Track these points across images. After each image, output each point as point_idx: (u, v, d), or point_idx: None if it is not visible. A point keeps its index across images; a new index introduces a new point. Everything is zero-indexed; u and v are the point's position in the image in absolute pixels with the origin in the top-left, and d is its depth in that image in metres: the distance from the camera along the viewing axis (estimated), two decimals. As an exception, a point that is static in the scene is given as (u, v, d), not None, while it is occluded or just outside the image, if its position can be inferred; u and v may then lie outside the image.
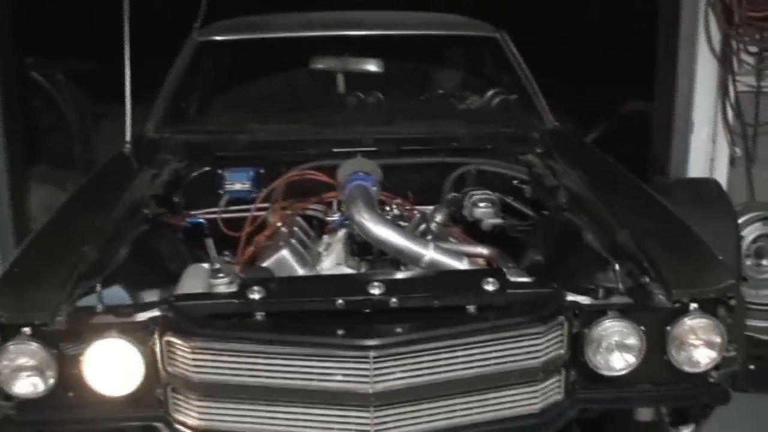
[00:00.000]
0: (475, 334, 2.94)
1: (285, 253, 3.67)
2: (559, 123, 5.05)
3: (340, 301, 2.98)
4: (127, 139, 4.53)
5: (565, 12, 14.99)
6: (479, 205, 4.26)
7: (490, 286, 3.05)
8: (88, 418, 3.04)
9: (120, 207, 3.74)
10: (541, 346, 2.98)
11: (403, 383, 2.88)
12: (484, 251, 3.85)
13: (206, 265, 3.61)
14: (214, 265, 3.48)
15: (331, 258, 3.82)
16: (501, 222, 4.25)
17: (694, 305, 3.06)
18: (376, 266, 3.79)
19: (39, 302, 2.98)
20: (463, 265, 3.51)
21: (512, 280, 3.22)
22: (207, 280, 3.43)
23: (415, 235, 3.82)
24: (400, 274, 3.43)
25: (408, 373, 2.87)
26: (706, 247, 3.39)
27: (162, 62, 5.28)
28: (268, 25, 5.55)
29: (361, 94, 5.50)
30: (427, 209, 4.27)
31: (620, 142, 6.96)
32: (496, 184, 4.47)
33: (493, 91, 5.51)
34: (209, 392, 2.94)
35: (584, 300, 3.08)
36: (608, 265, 3.29)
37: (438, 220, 4.12)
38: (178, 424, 2.99)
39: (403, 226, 3.92)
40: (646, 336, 3.03)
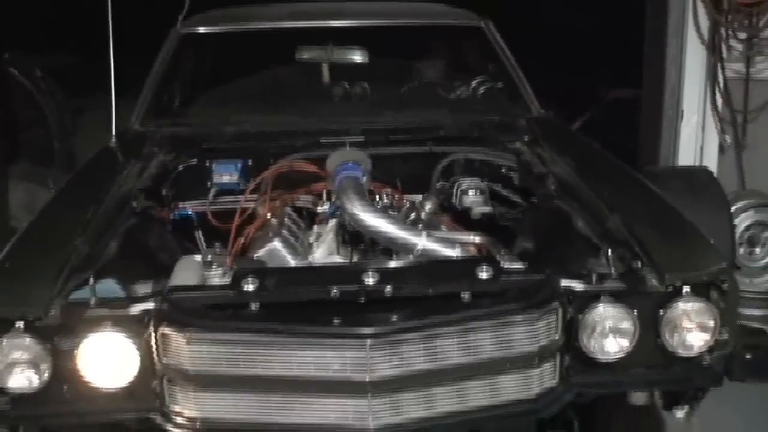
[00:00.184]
0: (469, 321, 2.95)
1: (276, 243, 3.67)
2: (545, 110, 5.05)
3: (335, 291, 2.97)
4: (113, 133, 4.55)
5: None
6: (468, 194, 4.27)
7: (483, 273, 3.05)
8: (84, 412, 3.04)
9: (108, 200, 3.73)
10: (535, 332, 2.99)
11: (400, 371, 2.89)
12: (476, 239, 3.86)
13: (198, 257, 3.61)
14: (206, 257, 3.48)
15: (323, 248, 3.83)
16: (490, 210, 4.24)
17: (686, 289, 3.08)
18: (368, 256, 3.79)
19: (32, 296, 2.97)
20: (455, 253, 3.51)
21: (506, 267, 3.24)
22: (200, 272, 3.43)
23: (406, 224, 3.82)
24: (394, 263, 3.43)
25: (404, 361, 2.88)
26: (697, 231, 3.41)
27: (141, 56, 5.27)
28: (252, 16, 5.53)
29: (347, 85, 5.52)
30: (416, 198, 4.26)
31: (609, 131, 6.96)
32: (485, 173, 4.47)
33: (478, 80, 5.54)
34: (206, 383, 2.94)
35: (578, 285, 3.09)
36: (600, 251, 3.30)
37: (427, 209, 4.11)
38: (175, 416, 3.00)
39: (394, 216, 3.92)
40: (639, 320, 3.05)
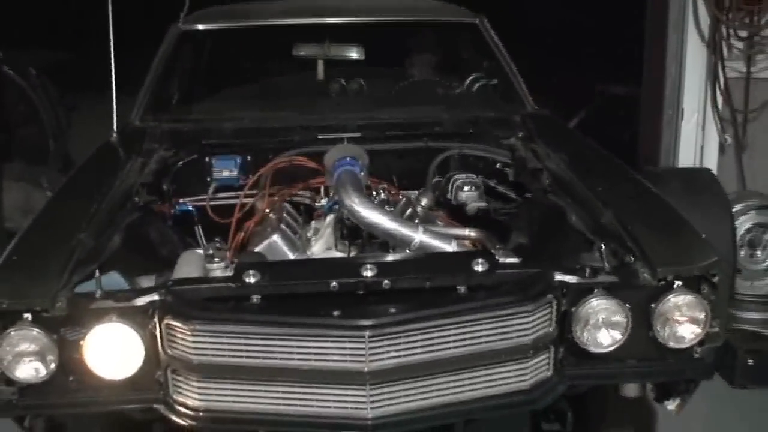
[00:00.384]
0: (465, 313, 3.01)
1: (276, 238, 3.75)
2: (539, 107, 5.11)
3: (334, 284, 3.04)
4: (114, 129, 4.60)
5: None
6: (463, 189, 4.31)
7: (479, 266, 3.11)
8: (89, 402, 3.09)
9: (111, 195, 3.79)
10: (530, 324, 3.05)
11: (397, 361, 2.95)
12: (472, 233, 3.93)
13: (200, 251, 3.68)
14: (208, 251, 3.54)
15: (321, 242, 3.90)
16: (485, 205, 4.30)
17: (678, 282, 3.13)
18: (366, 250, 3.85)
19: (39, 289, 3.02)
20: (452, 247, 3.58)
21: (501, 260, 3.31)
22: (202, 266, 3.50)
23: (403, 219, 3.89)
24: (392, 257, 3.49)
25: (402, 352, 2.94)
26: (689, 226, 3.46)
27: (138, 53, 5.31)
28: (250, 14, 5.58)
29: (344, 81, 5.59)
30: (412, 194, 4.34)
31: (609, 128, 7.00)
32: (480, 168, 4.53)
33: (474, 76, 5.60)
34: (209, 373, 3.00)
35: (571, 279, 3.15)
36: (593, 246, 3.37)
37: (423, 204, 4.20)
38: (179, 406, 3.06)
39: (391, 211, 3.99)
40: (631, 313, 3.10)
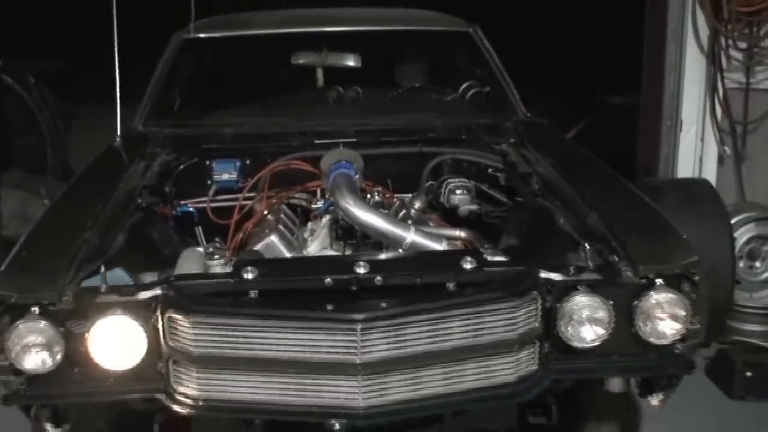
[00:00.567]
0: (454, 308, 3.13)
1: (273, 238, 3.88)
2: (532, 114, 5.20)
3: (329, 280, 3.17)
4: (117, 133, 4.72)
5: (551, 6, 15.11)
6: (456, 193, 4.44)
7: (468, 264, 3.24)
8: (93, 392, 3.22)
9: (115, 197, 3.91)
10: (516, 320, 3.17)
11: (388, 354, 3.07)
12: (462, 234, 4.07)
13: (201, 249, 3.82)
14: (208, 249, 3.68)
15: (317, 243, 4.03)
16: (476, 208, 4.42)
17: (659, 281, 3.25)
18: (360, 249, 3.98)
19: (46, 283, 3.15)
20: (442, 246, 3.72)
21: (489, 259, 3.43)
22: (202, 262, 3.64)
23: (396, 219, 4.02)
24: (384, 255, 3.63)
25: (392, 345, 3.07)
26: (670, 227, 3.59)
27: (137, 61, 5.39)
28: (250, 23, 5.69)
29: (341, 88, 5.68)
30: (406, 197, 4.48)
31: (608, 140, 7.07)
32: (472, 173, 4.65)
33: (467, 84, 5.68)
34: (208, 364, 3.13)
35: (556, 277, 3.27)
36: (579, 246, 3.49)
37: (417, 207, 4.34)
38: (179, 395, 3.18)
39: (384, 212, 4.11)
40: (614, 310, 3.22)
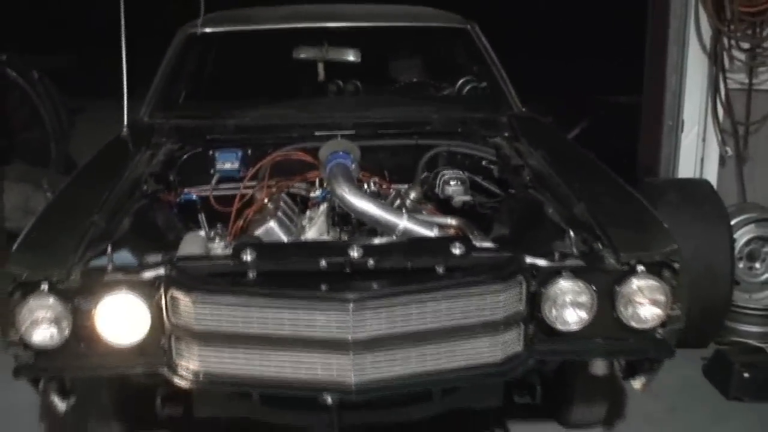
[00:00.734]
0: (442, 290, 3.29)
1: (272, 224, 4.05)
2: (528, 110, 5.32)
3: (323, 263, 3.33)
4: (125, 124, 4.88)
5: (553, 4, 15.16)
6: (450, 184, 4.58)
7: (457, 250, 3.39)
8: (99, 366, 3.38)
9: (122, 183, 4.08)
10: (501, 302, 3.33)
11: (379, 332, 3.23)
12: (453, 222, 4.21)
13: (203, 233, 3.98)
14: (210, 233, 3.84)
15: (315, 229, 4.19)
16: (470, 199, 4.56)
17: (641, 267, 3.40)
18: (355, 236, 4.13)
19: (55, 262, 3.31)
20: (433, 233, 3.87)
21: (477, 245, 3.59)
22: (204, 245, 3.80)
23: (390, 207, 4.16)
24: (377, 240, 3.78)
25: (383, 324, 3.23)
26: (653, 217, 3.75)
27: (141, 55, 5.50)
28: (254, 18, 5.82)
29: (341, 82, 5.84)
30: (402, 188, 4.61)
31: (608, 140, 7.01)
32: (466, 165, 4.78)
33: (464, 79, 5.84)
34: (209, 340, 3.29)
35: (541, 262, 3.42)
36: (565, 234, 3.63)
37: (412, 197, 4.49)
38: (181, 369, 3.34)
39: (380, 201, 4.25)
40: (597, 295, 3.37)
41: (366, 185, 4.52)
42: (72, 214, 3.72)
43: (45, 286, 3.24)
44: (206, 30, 5.48)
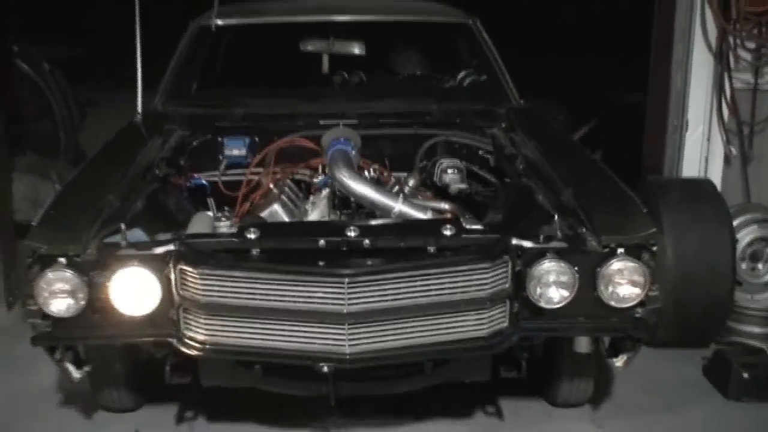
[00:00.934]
0: (431, 267, 3.51)
1: (276, 207, 4.27)
2: (524, 101, 5.47)
3: (322, 242, 3.55)
4: (138, 111, 5.10)
5: (558, 4, 15.14)
6: (447, 172, 4.75)
7: (447, 231, 3.60)
8: (112, 335, 3.61)
9: (135, 167, 4.30)
10: (487, 280, 3.54)
11: (372, 306, 3.46)
12: (446, 206, 4.42)
13: (210, 213, 4.21)
14: (218, 214, 4.07)
15: (316, 212, 4.39)
16: (466, 187, 4.73)
17: (620, 250, 3.60)
18: (354, 218, 4.33)
19: (73, 237, 3.53)
20: (427, 216, 4.09)
21: (467, 227, 3.80)
22: (211, 225, 4.03)
23: (387, 191, 4.37)
24: (373, 221, 4.00)
25: (376, 298, 3.46)
26: (635, 203, 3.94)
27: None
28: (262, 11, 5.99)
29: (346, 74, 6.02)
30: (401, 176, 4.82)
31: (614, 138, 7.23)
32: (464, 154, 4.96)
33: (465, 72, 5.99)
34: (214, 312, 3.52)
35: (527, 244, 3.62)
36: (552, 219, 3.83)
37: (411, 184, 4.70)
38: (188, 339, 3.57)
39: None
40: (579, 275, 3.57)
41: (366, 172, 4.71)
42: (88, 194, 3.94)
43: (63, 260, 3.46)
44: (218, 22, 5.61)
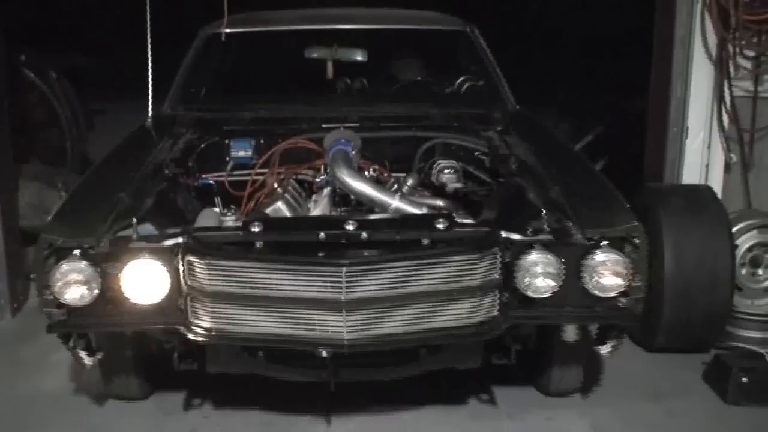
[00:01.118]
0: (425, 258, 3.72)
1: (280, 204, 4.46)
2: (520, 106, 5.67)
3: (322, 234, 3.76)
4: (149, 115, 5.33)
5: (558, 13, 15.25)
6: (444, 172, 4.94)
7: (440, 225, 3.81)
8: (123, 323, 3.84)
9: (145, 166, 4.51)
10: (477, 270, 3.74)
11: (369, 294, 3.67)
12: (440, 203, 4.64)
13: (217, 210, 4.43)
14: (223, 210, 4.29)
15: (318, 209, 4.59)
16: (462, 186, 4.92)
17: (604, 242, 3.80)
18: (353, 214, 4.51)
19: (87, 231, 3.75)
20: (422, 212, 4.29)
21: (459, 221, 4.00)
22: (218, 219, 4.26)
23: (385, 188, 4.58)
24: (370, 216, 4.20)
25: (373, 286, 3.66)
26: (619, 199, 4.13)
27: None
28: (268, 20, 6.20)
29: (348, 79, 6.20)
30: (401, 176, 5.00)
31: (616, 146, 7.36)
32: (460, 155, 5.14)
33: (463, 78, 6.18)
34: (220, 300, 3.73)
35: (515, 236, 3.83)
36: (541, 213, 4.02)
37: (409, 183, 4.88)
38: (195, 327, 3.79)
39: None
40: (565, 266, 3.78)
41: (367, 172, 4.90)
42: (101, 191, 4.16)
43: (77, 252, 3.68)
44: (226, 31, 5.79)
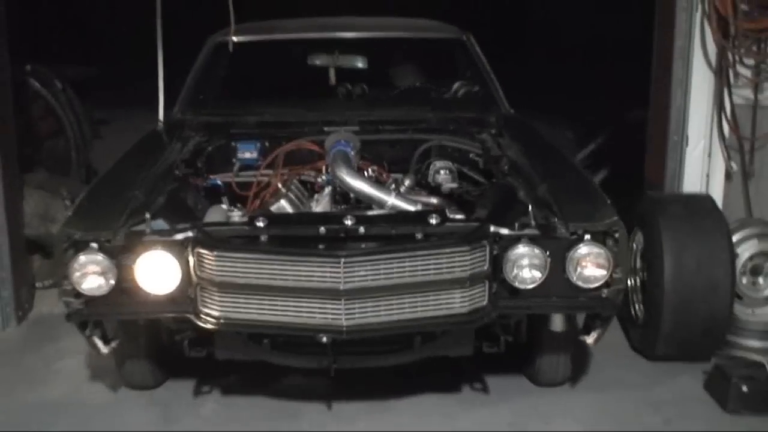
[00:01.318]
0: (418, 250, 3.97)
1: (283, 202, 4.73)
2: (515, 112, 5.90)
3: (322, 229, 4.01)
4: (160, 119, 5.61)
5: (559, 22, 15.40)
6: (440, 173, 5.18)
7: (433, 220, 4.05)
8: (137, 312, 4.10)
9: (157, 167, 4.76)
10: (467, 262, 3.98)
11: (365, 284, 3.91)
12: (434, 200, 4.90)
13: (224, 206, 4.70)
14: (230, 207, 4.56)
15: (320, 207, 4.85)
16: (456, 186, 5.15)
17: (587, 236, 4.04)
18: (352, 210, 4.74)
19: (103, 225, 4.01)
20: (416, 208, 4.54)
21: (451, 216, 4.24)
22: (225, 215, 4.53)
23: (382, 187, 4.82)
24: (368, 212, 4.45)
25: (369, 276, 3.91)
26: (601, 195, 4.38)
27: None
28: (274, 29, 6.45)
29: (349, 85, 6.41)
30: (398, 176, 5.25)
31: (616, 155, 7.50)
32: (455, 157, 5.37)
33: (459, 84, 6.38)
34: (227, 289, 3.98)
35: (503, 231, 4.07)
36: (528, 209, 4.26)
37: (407, 184, 5.12)
38: (204, 315, 4.04)
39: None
40: (550, 259, 4.01)
41: (366, 172, 5.13)
42: (116, 189, 4.43)
43: (95, 245, 3.93)
44: (233, 39, 6.01)
